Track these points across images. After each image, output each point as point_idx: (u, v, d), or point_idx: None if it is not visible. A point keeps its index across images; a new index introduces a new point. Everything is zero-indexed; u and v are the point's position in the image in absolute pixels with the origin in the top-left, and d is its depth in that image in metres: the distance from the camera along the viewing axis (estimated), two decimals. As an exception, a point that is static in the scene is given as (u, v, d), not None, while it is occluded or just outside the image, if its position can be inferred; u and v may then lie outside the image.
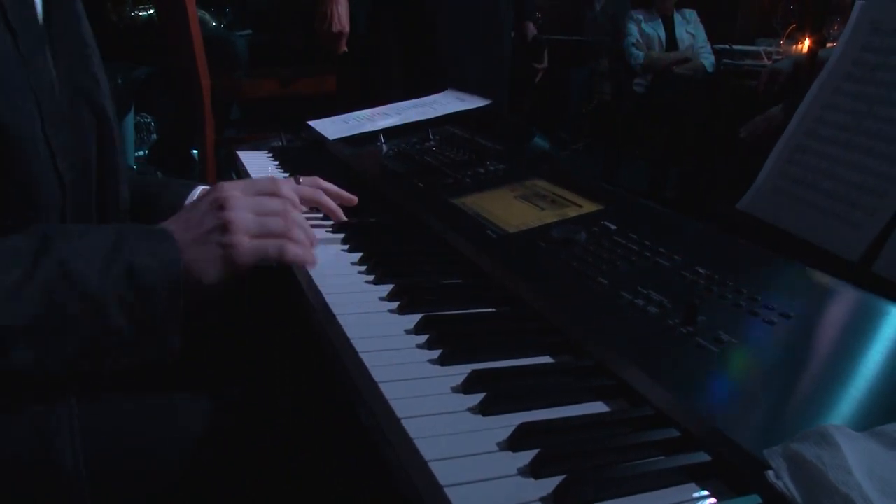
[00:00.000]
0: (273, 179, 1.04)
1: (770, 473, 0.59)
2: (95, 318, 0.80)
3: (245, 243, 0.94)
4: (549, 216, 1.20)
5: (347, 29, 2.78)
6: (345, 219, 1.29)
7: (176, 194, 1.23)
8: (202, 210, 0.95)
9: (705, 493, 0.65)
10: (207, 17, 5.27)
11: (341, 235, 1.24)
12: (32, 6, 0.92)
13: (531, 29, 3.49)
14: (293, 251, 0.99)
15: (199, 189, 1.23)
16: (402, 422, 0.72)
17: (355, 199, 1.32)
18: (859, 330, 0.82)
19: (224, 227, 0.93)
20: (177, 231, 0.91)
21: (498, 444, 0.69)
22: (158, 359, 0.86)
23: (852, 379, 0.73)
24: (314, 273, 1.09)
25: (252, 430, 0.99)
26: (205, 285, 0.91)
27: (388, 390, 0.78)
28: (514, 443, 0.69)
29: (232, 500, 0.96)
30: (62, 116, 0.94)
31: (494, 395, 0.76)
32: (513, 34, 3.47)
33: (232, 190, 0.97)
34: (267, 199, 1.00)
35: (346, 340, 0.89)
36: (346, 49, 2.84)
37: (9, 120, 0.86)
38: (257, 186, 1.01)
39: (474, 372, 0.80)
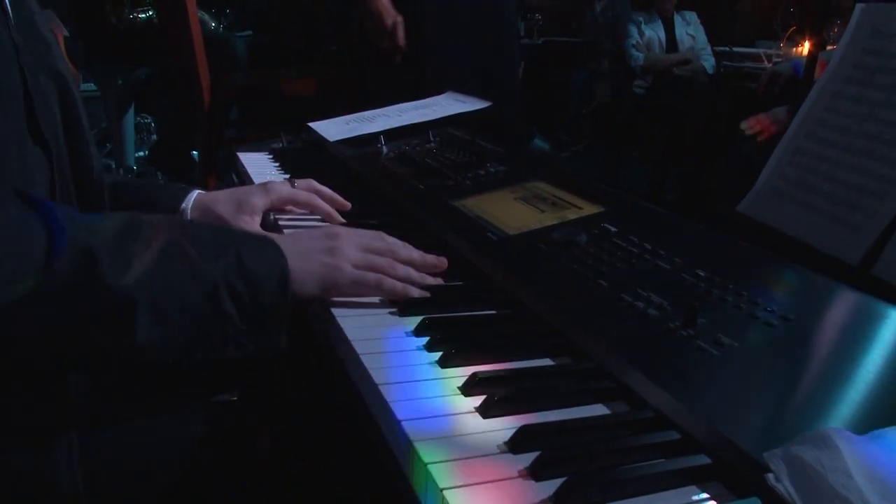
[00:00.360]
0: (380, 233, 1.07)
1: (770, 476, 0.59)
2: (207, 300, 0.83)
3: (348, 268, 0.98)
4: (549, 218, 1.20)
5: (400, 18, 2.68)
6: (341, 220, 1.29)
7: (173, 197, 1.23)
8: (315, 235, 1.02)
9: (705, 495, 0.65)
10: (207, 18, 5.27)
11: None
12: None
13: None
14: (390, 283, 1.00)
15: (196, 193, 1.24)
16: (402, 424, 0.72)
17: (348, 204, 1.34)
18: (859, 333, 0.83)
19: (332, 251, 0.98)
20: (283, 241, 0.95)
21: (498, 447, 0.70)
22: (264, 354, 0.88)
23: (852, 382, 0.73)
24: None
25: (251, 434, 0.99)
26: (301, 296, 0.94)
27: (387, 392, 0.78)
28: (515, 445, 0.69)
29: (231, 499, 0.96)
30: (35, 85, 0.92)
31: (494, 397, 0.76)
32: None
33: (342, 228, 1.06)
34: (374, 241, 1.04)
35: (347, 342, 0.89)
36: (402, 43, 2.73)
37: None
38: (367, 233, 1.06)
39: (474, 374, 0.80)
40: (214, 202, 1.23)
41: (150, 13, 4.21)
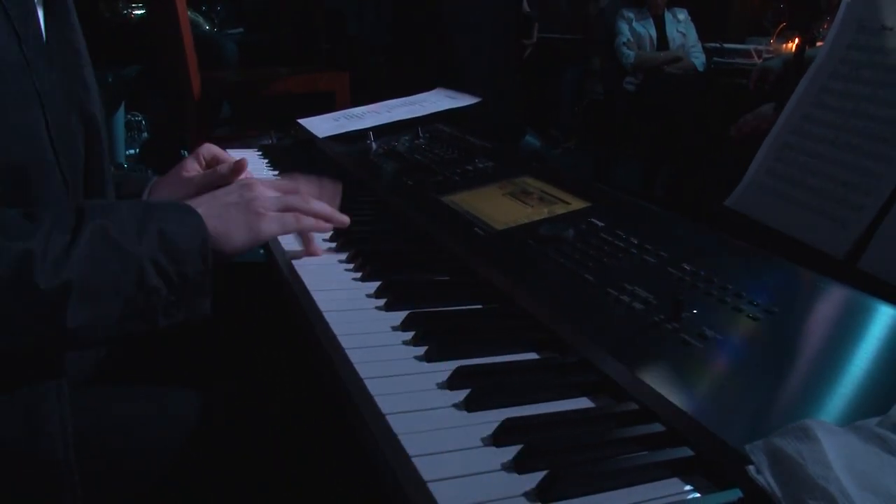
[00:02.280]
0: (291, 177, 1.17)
1: (751, 468, 0.59)
2: (134, 277, 0.86)
3: (267, 216, 1.03)
4: (537, 213, 1.20)
5: None
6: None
7: (136, 184, 1.27)
8: (231, 190, 1.06)
9: (688, 487, 0.65)
10: (201, 19, 5.26)
11: (329, 233, 1.24)
12: (35, 16, 0.95)
13: (524, 6, 3.47)
14: (307, 222, 1.09)
15: (154, 179, 1.27)
16: (387, 417, 0.72)
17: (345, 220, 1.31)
18: (843, 326, 0.83)
19: (249, 203, 1.03)
20: (202, 204, 0.99)
21: (482, 440, 0.70)
22: (191, 320, 0.93)
23: (835, 374, 0.74)
24: (301, 270, 1.09)
25: (240, 425, 1.00)
26: (229, 252, 1.00)
27: (373, 386, 0.78)
28: (499, 438, 0.69)
29: (221, 491, 0.96)
30: (61, 121, 0.97)
31: (479, 391, 0.76)
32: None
33: (253, 179, 1.11)
34: (285, 183, 1.13)
35: (333, 337, 0.89)
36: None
37: (17, 120, 0.89)
38: (278, 179, 1.13)
39: (459, 368, 0.80)
40: (157, 184, 1.26)
41: (144, 11, 4.21)
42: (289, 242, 1.18)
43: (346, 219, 1.16)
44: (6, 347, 0.82)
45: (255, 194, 1.04)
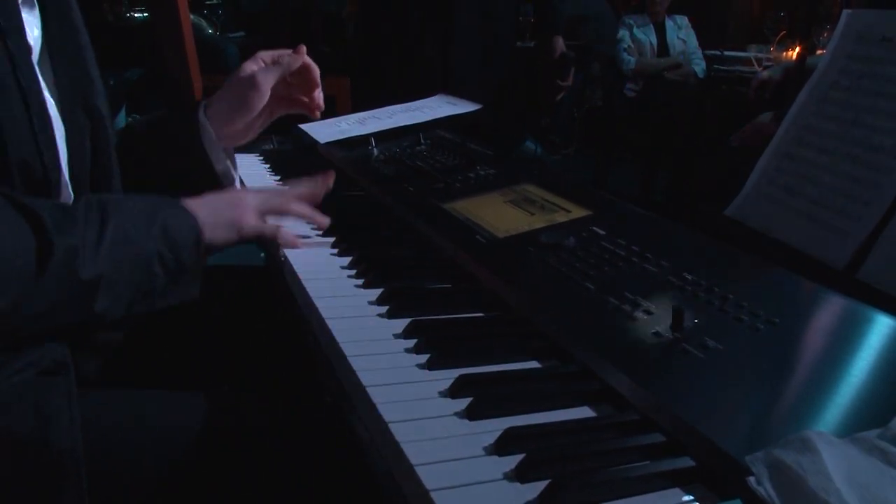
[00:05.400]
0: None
1: (751, 479, 0.60)
2: (144, 270, 0.97)
3: (250, 219, 1.14)
4: (538, 221, 1.20)
5: None
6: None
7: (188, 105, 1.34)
8: (218, 193, 1.17)
9: (689, 497, 0.65)
10: (203, 23, 5.27)
11: (331, 239, 1.25)
12: (17, 11, 0.97)
13: (560, 44, 3.46)
14: (284, 236, 1.20)
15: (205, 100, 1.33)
16: (390, 426, 0.73)
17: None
18: (844, 337, 0.83)
19: (235, 205, 1.14)
20: (195, 204, 1.08)
21: (484, 449, 0.70)
22: (182, 302, 1.03)
23: (836, 385, 0.74)
24: (304, 276, 1.09)
25: (242, 431, 1.00)
26: (215, 246, 1.09)
27: (375, 394, 0.78)
28: (501, 447, 0.70)
29: (224, 494, 0.97)
30: (63, 117, 1.03)
31: (481, 399, 0.76)
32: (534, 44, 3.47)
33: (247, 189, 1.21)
34: (275, 193, 1.23)
35: (335, 344, 0.90)
36: None
37: None
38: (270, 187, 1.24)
39: (461, 376, 0.80)
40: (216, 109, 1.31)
41: (146, 14, 4.21)
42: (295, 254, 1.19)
43: (324, 220, 1.25)
44: (44, 328, 0.90)
45: (243, 197, 1.16)
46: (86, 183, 1.08)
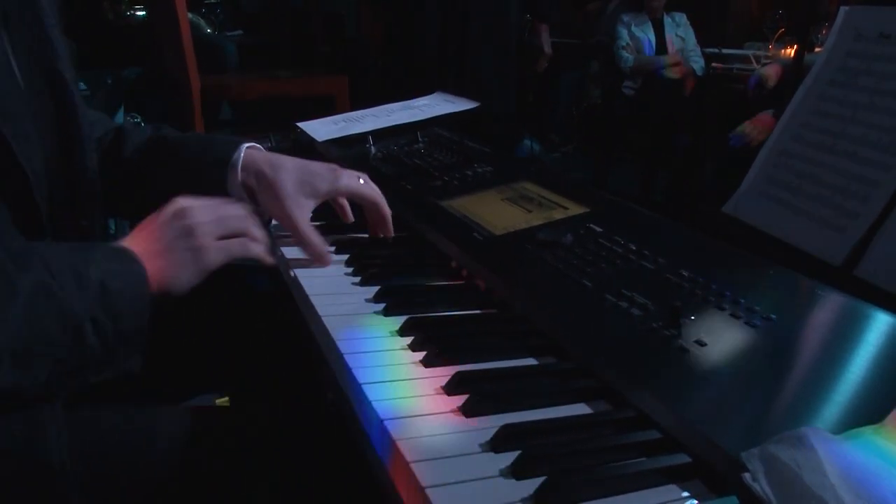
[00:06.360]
0: (224, 199, 1.05)
1: (747, 476, 0.60)
2: (71, 337, 0.79)
3: (211, 245, 0.96)
4: (535, 219, 1.20)
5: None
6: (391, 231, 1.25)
7: (220, 152, 1.18)
8: (161, 222, 0.95)
9: (685, 493, 0.65)
10: (201, 22, 5.27)
11: (329, 238, 1.25)
12: None
13: (545, 37, 3.47)
14: (256, 248, 1.01)
15: (245, 147, 1.19)
16: (385, 423, 0.73)
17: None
18: (841, 333, 0.83)
19: (189, 233, 0.94)
20: (139, 247, 0.90)
21: (480, 446, 0.70)
22: (117, 377, 0.86)
23: (832, 382, 0.74)
24: (300, 273, 1.09)
25: (236, 430, 1.00)
26: (176, 291, 0.92)
27: (370, 391, 0.78)
28: (497, 444, 0.69)
29: (224, 489, 0.97)
30: (17, 94, 0.93)
31: (477, 396, 0.76)
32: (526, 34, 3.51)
33: (187, 202, 0.98)
34: (222, 205, 1.01)
35: (332, 341, 0.90)
36: None
37: None
38: (210, 199, 1.01)
39: (458, 373, 0.80)
40: (275, 170, 1.16)
41: (144, 13, 4.21)
42: (292, 251, 1.18)
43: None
44: None
45: (194, 223, 0.95)
46: (55, 153, 0.98)
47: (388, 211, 1.23)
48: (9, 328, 0.73)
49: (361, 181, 1.21)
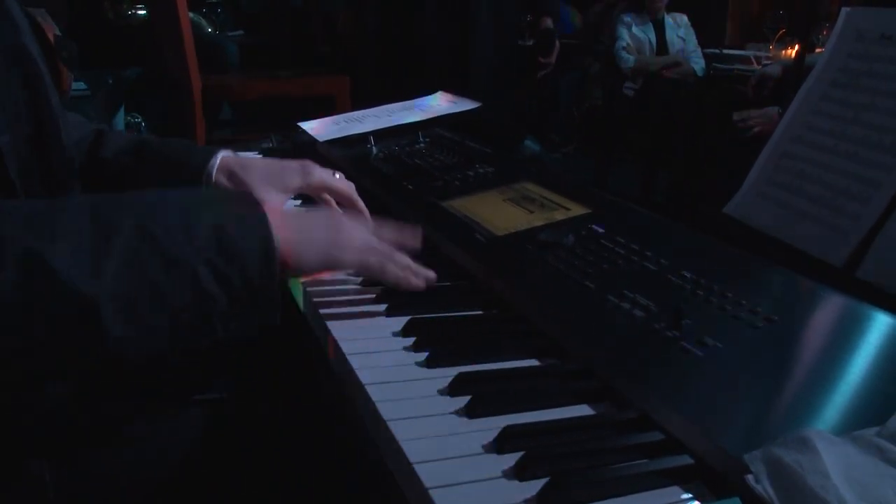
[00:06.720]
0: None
1: (750, 477, 0.60)
2: (187, 287, 0.74)
3: (352, 246, 0.94)
4: (537, 219, 1.20)
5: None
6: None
7: (199, 158, 1.19)
8: (313, 211, 1.02)
9: (688, 495, 0.65)
10: (202, 21, 5.27)
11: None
12: None
13: (547, 22, 3.47)
14: (393, 271, 0.97)
15: (221, 154, 1.19)
16: (388, 424, 0.73)
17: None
18: (843, 335, 0.83)
19: (335, 227, 0.94)
20: (276, 215, 0.84)
21: (483, 447, 0.70)
22: (257, 330, 0.82)
23: (834, 384, 0.74)
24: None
25: (238, 431, 1.00)
26: (296, 268, 0.89)
27: (374, 392, 0.78)
28: (500, 445, 0.69)
29: (224, 489, 0.97)
30: None
31: (480, 397, 0.76)
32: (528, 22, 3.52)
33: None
34: (379, 227, 1.02)
35: (334, 342, 0.89)
36: None
37: None
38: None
39: (460, 374, 0.81)
40: (245, 169, 1.18)
41: (146, 12, 4.21)
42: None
43: (431, 274, 1.01)
44: (41, 359, 0.72)
45: (345, 224, 0.96)
46: (27, 128, 0.92)
47: (362, 206, 1.25)
48: (109, 278, 0.69)
49: (337, 175, 1.25)
